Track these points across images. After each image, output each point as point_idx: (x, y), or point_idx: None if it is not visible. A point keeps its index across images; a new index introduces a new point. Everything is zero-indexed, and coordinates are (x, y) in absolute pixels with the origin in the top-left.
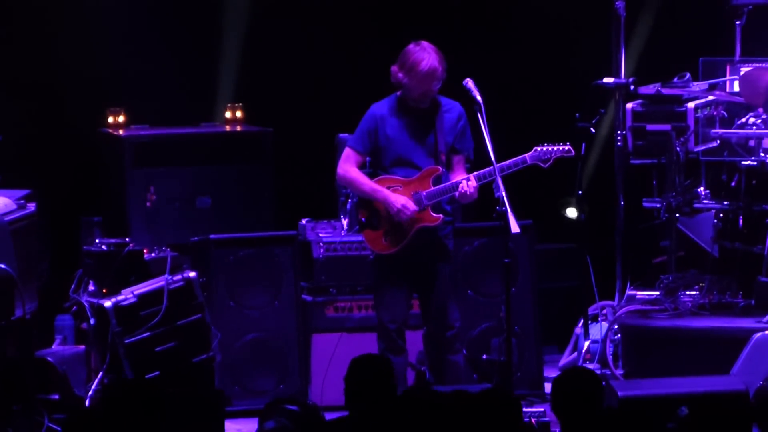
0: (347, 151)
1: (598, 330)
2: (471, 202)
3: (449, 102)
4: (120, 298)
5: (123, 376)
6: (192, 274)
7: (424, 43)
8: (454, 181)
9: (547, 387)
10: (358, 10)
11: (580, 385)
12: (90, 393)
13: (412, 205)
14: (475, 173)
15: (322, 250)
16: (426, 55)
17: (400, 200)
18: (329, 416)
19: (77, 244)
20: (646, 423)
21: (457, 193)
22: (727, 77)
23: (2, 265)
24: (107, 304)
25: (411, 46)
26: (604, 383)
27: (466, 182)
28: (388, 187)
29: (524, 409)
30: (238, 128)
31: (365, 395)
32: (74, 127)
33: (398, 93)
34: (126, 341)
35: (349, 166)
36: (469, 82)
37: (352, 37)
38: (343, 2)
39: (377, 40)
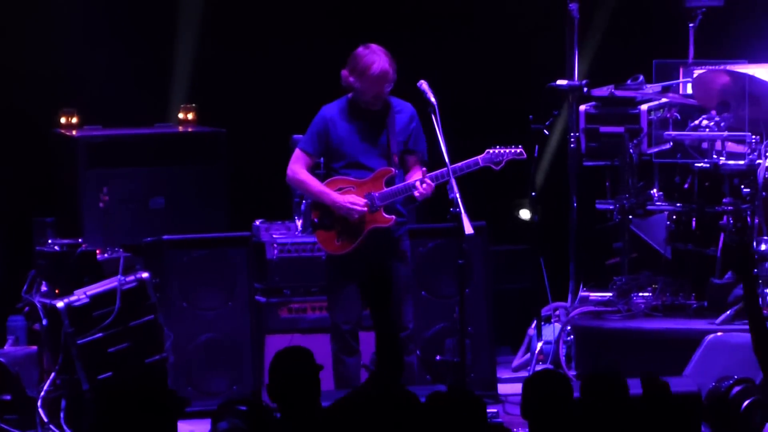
0: (297, 153)
1: (551, 331)
2: (422, 202)
3: (400, 103)
4: (73, 298)
5: (76, 377)
6: (145, 274)
7: (374, 46)
8: (408, 182)
9: (501, 388)
10: (312, 11)
11: (551, 387)
12: (42, 394)
13: (360, 201)
14: (430, 174)
15: (275, 251)
16: (376, 58)
17: (348, 199)
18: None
19: (30, 244)
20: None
21: (414, 193)
22: (681, 79)
23: None
24: (60, 304)
25: (360, 49)
26: None
27: (420, 184)
28: (340, 189)
29: None
30: (192, 129)
31: (294, 390)
32: (27, 127)
33: (349, 95)
34: (79, 342)
35: (298, 168)
36: (423, 84)
37: (306, 37)
38: (296, 4)
39: (331, 41)
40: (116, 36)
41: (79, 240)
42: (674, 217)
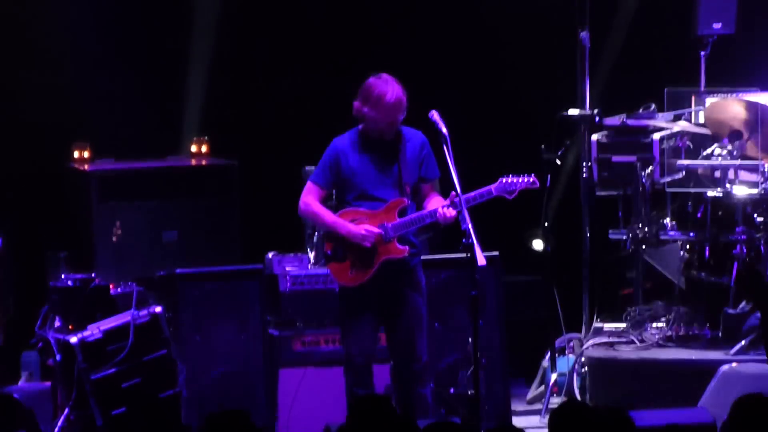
0: (309, 185)
1: (565, 362)
2: (435, 234)
3: (410, 131)
4: (86, 333)
5: (90, 412)
6: (158, 308)
7: (385, 75)
8: (421, 212)
9: (515, 420)
10: (322, 43)
11: (578, 419)
12: (56, 430)
13: (374, 229)
14: (441, 204)
15: (288, 284)
16: (390, 87)
17: (361, 228)
18: None
19: (43, 279)
20: None
21: (439, 217)
22: (693, 108)
23: None
24: (73, 339)
25: (371, 79)
26: None
27: (443, 208)
28: (353, 220)
29: None
30: (204, 162)
31: None
32: (40, 161)
33: (360, 126)
34: (92, 377)
35: (310, 200)
36: (434, 114)
37: (317, 69)
38: (307, 37)
39: (341, 73)
40: (128, 69)
41: (92, 274)
42: (687, 246)
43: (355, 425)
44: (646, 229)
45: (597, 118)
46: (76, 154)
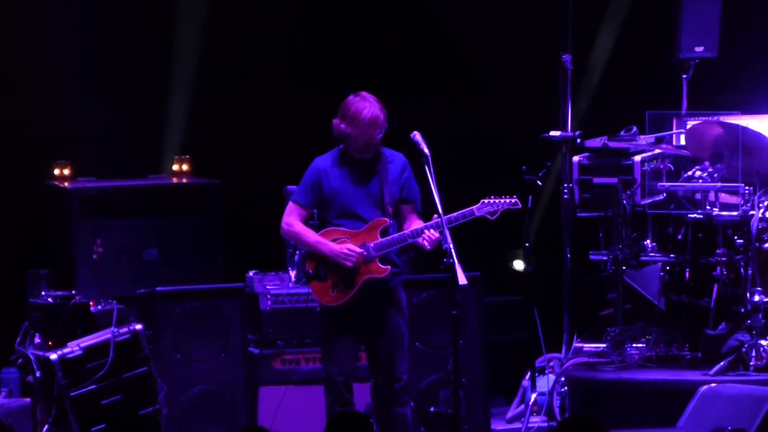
0: (291, 206)
1: (545, 382)
2: (416, 254)
3: (392, 153)
4: (66, 350)
5: (70, 429)
6: (138, 326)
7: (364, 93)
8: (403, 233)
9: None
10: (305, 63)
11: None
12: None
13: (356, 249)
14: (425, 224)
15: (269, 303)
16: (367, 105)
17: (344, 248)
18: None
19: (23, 296)
20: None
21: (425, 243)
22: (674, 131)
23: None
24: (53, 356)
25: (351, 97)
26: None
27: (429, 230)
28: (335, 239)
29: None
30: (185, 180)
31: None
32: (20, 179)
33: (341, 146)
34: (72, 394)
35: (292, 220)
36: (417, 135)
37: (299, 89)
38: (289, 56)
39: (324, 93)
40: (109, 88)
41: (73, 292)
42: (668, 268)
43: None
44: (627, 250)
45: (578, 140)
46: (57, 172)
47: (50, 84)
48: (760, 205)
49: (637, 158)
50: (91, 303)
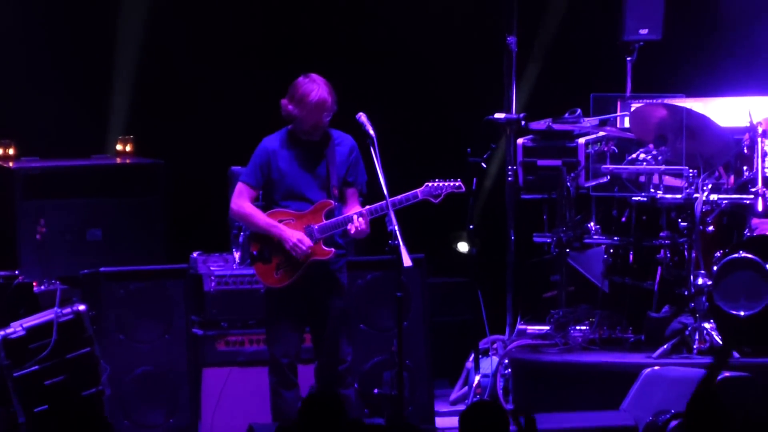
0: (240, 186)
1: (488, 364)
2: (363, 237)
3: (341, 135)
4: (9, 330)
5: (13, 410)
6: (82, 307)
7: (314, 75)
8: (347, 215)
9: (438, 421)
10: (251, 42)
11: (488, 420)
12: None
13: (307, 241)
14: (368, 207)
15: (213, 284)
16: (315, 87)
17: (296, 235)
18: None
19: None
20: None
21: (350, 229)
22: (618, 113)
23: None
24: None
25: (300, 78)
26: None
27: (357, 217)
28: (281, 221)
29: None
30: (129, 161)
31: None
32: None
33: (289, 126)
34: (15, 374)
35: (242, 201)
36: (362, 116)
37: (245, 69)
38: (235, 36)
39: (270, 73)
40: (54, 67)
41: (16, 272)
42: (611, 250)
43: (306, 424)
44: (571, 233)
45: (523, 123)
46: (0, 152)
47: None
48: (704, 188)
49: (581, 141)
50: (34, 283)
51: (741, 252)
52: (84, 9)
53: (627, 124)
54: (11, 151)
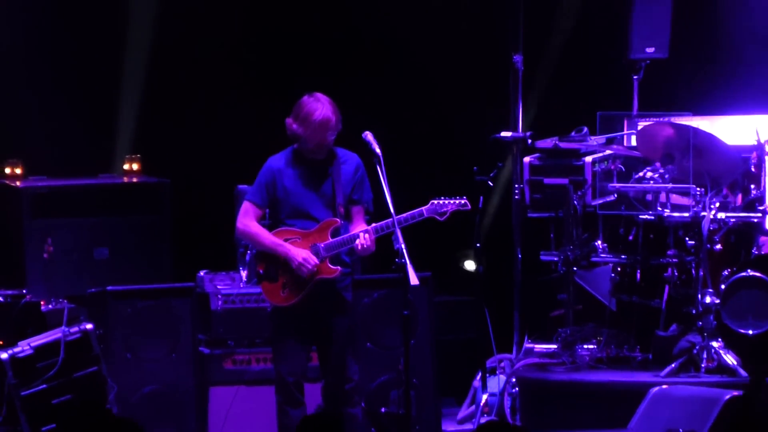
0: (246, 205)
1: (496, 383)
2: (369, 254)
3: (346, 153)
4: (17, 349)
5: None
6: (89, 325)
7: (318, 94)
8: (353, 233)
9: None
10: (257, 62)
11: None
12: None
13: (313, 259)
14: (374, 225)
15: (220, 302)
16: (319, 106)
17: (301, 254)
18: None
19: None
20: None
21: (357, 246)
22: (625, 131)
23: None
24: (3, 356)
25: (305, 97)
26: None
27: (363, 235)
28: (287, 239)
29: None
30: (136, 180)
31: None
32: None
33: (295, 145)
34: (22, 393)
35: (248, 220)
36: (368, 135)
37: (250, 88)
38: (241, 55)
39: (276, 93)
40: (61, 87)
41: (23, 291)
42: (619, 269)
43: None
44: (578, 251)
45: (529, 141)
46: (8, 171)
47: (1, 83)
48: (711, 206)
49: (588, 159)
50: (41, 302)
51: (749, 270)
52: (91, 29)
53: (634, 143)
54: (19, 171)
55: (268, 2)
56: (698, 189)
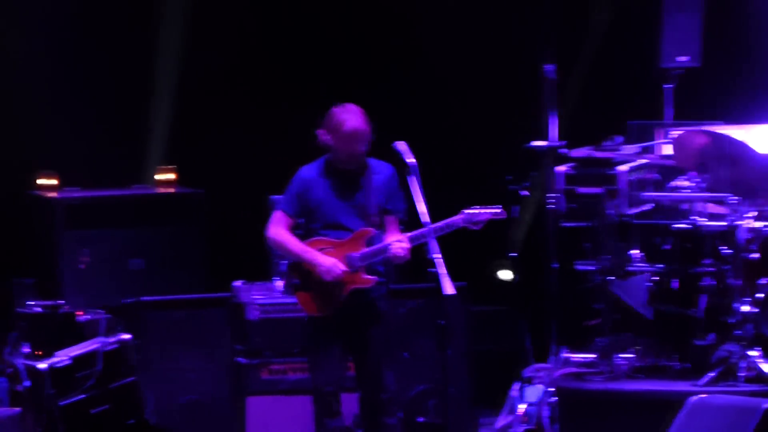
0: (277, 214)
1: (533, 393)
2: (403, 263)
3: (379, 164)
4: (55, 360)
5: None
6: (126, 336)
7: (349, 105)
8: (386, 242)
9: None
10: (289, 72)
11: None
12: None
13: (340, 266)
14: (409, 234)
15: (257, 312)
16: (350, 116)
17: (328, 261)
18: None
19: (10, 306)
20: None
21: (390, 254)
22: (658, 140)
23: None
24: (42, 366)
25: (335, 108)
26: None
27: (398, 243)
28: (321, 249)
29: None
30: (170, 190)
31: None
32: (5, 189)
33: (327, 156)
34: (61, 403)
35: (278, 229)
36: (401, 145)
37: (283, 98)
38: (273, 65)
39: (309, 103)
40: (95, 98)
41: (60, 301)
42: (655, 278)
43: None
44: (614, 260)
45: (563, 150)
46: (42, 182)
47: (36, 94)
48: (747, 215)
49: (623, 168)
50: (77, 312)
51: None
52: (122, 41)
53: (666, 151)
54: (53, 182)
55: (303, 13)
56: (734, 198)
